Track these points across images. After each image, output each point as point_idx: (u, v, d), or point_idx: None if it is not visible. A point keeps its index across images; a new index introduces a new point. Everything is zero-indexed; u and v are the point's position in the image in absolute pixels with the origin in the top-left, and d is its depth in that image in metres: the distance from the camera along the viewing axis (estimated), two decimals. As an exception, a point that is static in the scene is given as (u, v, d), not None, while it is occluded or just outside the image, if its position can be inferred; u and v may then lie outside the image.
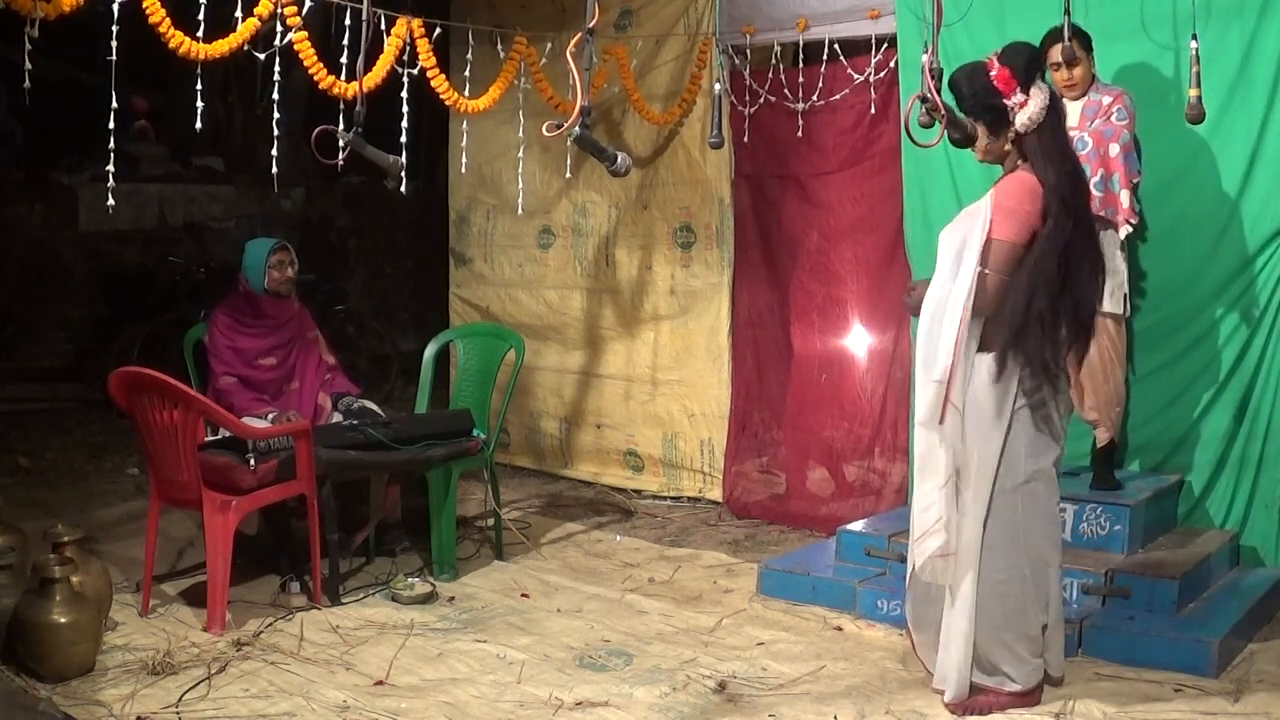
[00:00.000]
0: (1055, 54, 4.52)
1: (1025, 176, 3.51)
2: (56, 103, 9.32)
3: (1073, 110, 4.62)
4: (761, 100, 6.00)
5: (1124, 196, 4.50)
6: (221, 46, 4.20)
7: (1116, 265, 4.60)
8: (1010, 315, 3.46)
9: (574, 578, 5.10)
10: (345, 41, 4.46)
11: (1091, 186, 4.47)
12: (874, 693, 3.82)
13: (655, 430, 6.58)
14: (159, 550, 4.63)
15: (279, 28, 4.38)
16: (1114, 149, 4.49)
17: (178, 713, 3.61)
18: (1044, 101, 3.50)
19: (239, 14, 4.22)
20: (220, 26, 4.21)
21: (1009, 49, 3.56)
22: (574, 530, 5.92)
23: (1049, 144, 3.52)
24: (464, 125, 6.14)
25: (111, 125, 3.94)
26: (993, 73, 3.50)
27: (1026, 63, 3.51)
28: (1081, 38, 4.58)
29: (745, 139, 6.08)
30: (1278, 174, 4.64)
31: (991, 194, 3.53)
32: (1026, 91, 3.48)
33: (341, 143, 4.37)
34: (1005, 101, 3.49)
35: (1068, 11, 4.16)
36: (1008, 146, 3.56)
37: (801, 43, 5.91)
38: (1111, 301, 4.59)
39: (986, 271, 3.45)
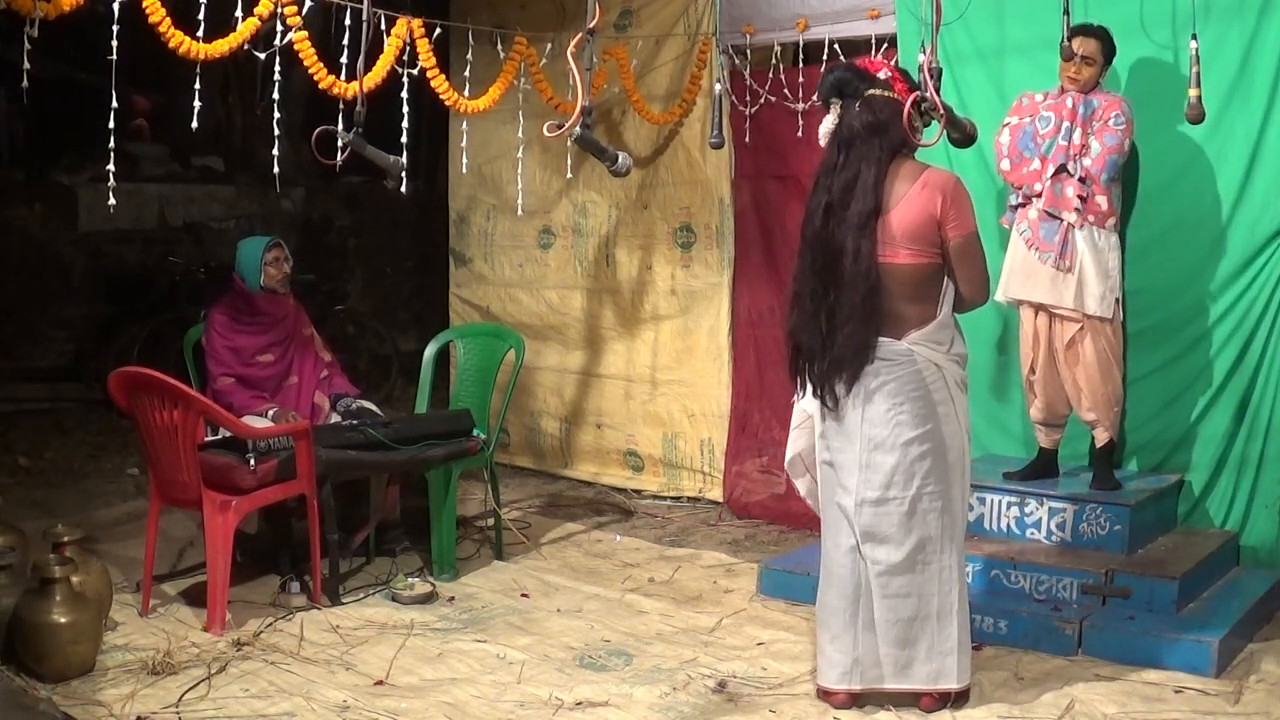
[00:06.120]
0: (1074, 45, 4.51)
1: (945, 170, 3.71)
2: (56, 103, 9.32)
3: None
4: (762, 100, 6.00)
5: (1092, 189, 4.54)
6: (221, 46, 4.20)
7: (1110, 267, 4.60)
8: (971, 295, 3.63)
9: (574, 578, 5.10)
10: (345, 41, 4.46)
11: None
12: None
13: (655, 430, 6.58)
14: (159, 550, 4.63)
15: (279, 28, 4.38)
16: (1095, 147, 4.52)
17: (178, 713, 3.62)
18: None
19: (239, 14, 4.22)
20: (220, 26, 4.21)
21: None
22: (574, 530, 5.92)
23: None
24: (464, 125, 6.14)
25: (111, 125, 3.94)
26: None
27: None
28: (1105, 42, 4.59)
29: (745, 139, 6.08)
30: (1278, 174, 4.64)
31: (939, 188, 3.51)
32: None
33: (341, 143, 4.37)
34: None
35: (1067, 12, 4.14)
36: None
37: (801, 43, 5.90)
38: (1102, 305, 4.58)
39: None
